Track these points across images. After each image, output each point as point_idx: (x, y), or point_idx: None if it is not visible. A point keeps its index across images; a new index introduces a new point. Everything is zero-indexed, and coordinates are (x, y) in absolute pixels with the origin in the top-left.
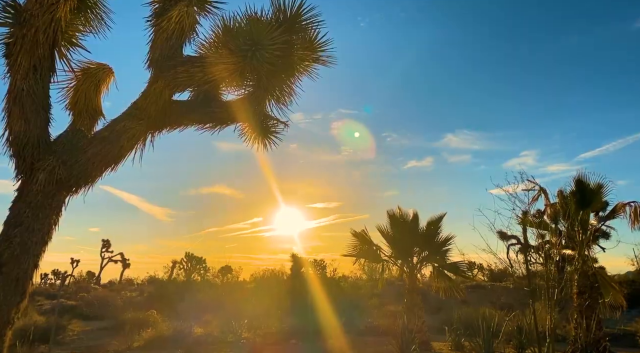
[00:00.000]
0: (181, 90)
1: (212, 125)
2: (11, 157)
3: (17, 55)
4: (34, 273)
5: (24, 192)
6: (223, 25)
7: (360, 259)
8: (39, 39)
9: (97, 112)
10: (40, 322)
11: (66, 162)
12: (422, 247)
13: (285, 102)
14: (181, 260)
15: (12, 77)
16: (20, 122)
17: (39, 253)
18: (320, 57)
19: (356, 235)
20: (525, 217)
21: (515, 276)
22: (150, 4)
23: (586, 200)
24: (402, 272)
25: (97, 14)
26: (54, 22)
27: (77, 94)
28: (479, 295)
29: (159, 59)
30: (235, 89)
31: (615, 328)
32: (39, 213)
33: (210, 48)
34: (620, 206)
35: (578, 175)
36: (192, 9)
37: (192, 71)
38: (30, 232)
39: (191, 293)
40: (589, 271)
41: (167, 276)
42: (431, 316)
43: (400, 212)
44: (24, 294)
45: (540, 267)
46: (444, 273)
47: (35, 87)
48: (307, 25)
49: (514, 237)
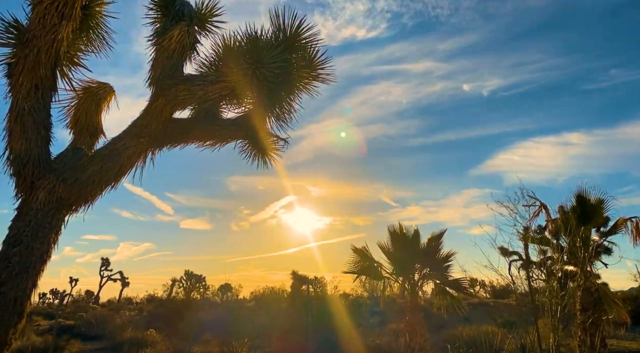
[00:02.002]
0: (182, 108)
1: (212, 143)
2: (11, 176)
3: (19, 75)
4: (32, 293)
5: (24, 210)
6: (223, 44)
7: (361, 276)
8: (41, 59)
9: (97, 130)
10: (37, 343)
11: (66, 180)
12: (423, 264)
13: (285, 119)
14: (180, 278)
15: (13, 96)
16: (21, 141)
17: (37, 272)
18: (320, 75)
19: (357, 252)
20: (526, 233)
21: (517, 293)
22: (152, 24)
23: (587, 216)
24: (403, 289)
25: (99, 34)
26: (56, 42)
27: (78, 113)
28: (481, 312)
29: (160, 78)
30: (235, 106)
31: (619, 345)
32: (39, 232)
33: (210, 66)
34: (622, 221)
35: (578, 191)
36: (192, 28)
37: (192, 89)
38: (30, 251)
39: (191, 311)
40: (592, 287)
41: (166, 294)
42: (433, 334)
43: (401, 229)
44: (21, 314)
45: (543, 283)
46: (445, 290)
47: (37, 106)
48: (306, 44)
49: (516, 253)
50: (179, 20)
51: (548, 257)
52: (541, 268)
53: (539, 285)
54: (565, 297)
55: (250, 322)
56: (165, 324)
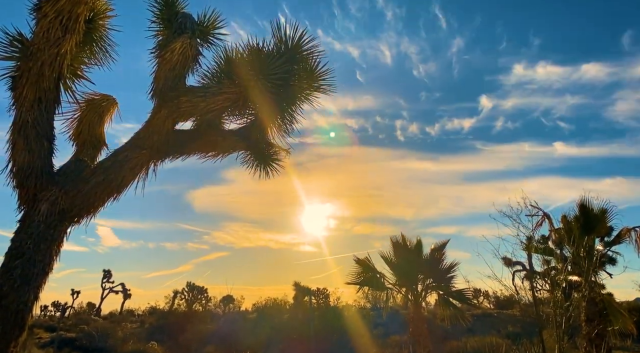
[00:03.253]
0: (184, 119)
1: (214, 154)
2: (14, 188)
3: (22, 88)
4: (34, 306)
5: (26, 223)
6: (225, 56)
7: (363, 287)
8: (44, 72)
9: (100, 142)
10: None
11: (68, 192)
12: (426, 274)
13: (287, 129)
14: (182, 290)
15: (17, 109)
16: (24, 154)
17: (39, 285)
18: (321, 86)
19: (359, 262)
20: (529, 242)
21: (521, 303)
22: (154, 36)
23: (590, 226)
24: (406, 300)
25: (102, 47)
26: (60, 55)
27: (81, 125)
28: (485, 323)
29: (162, 90)
30: (237, 117)
31: None
32: (41, 244)
33: (212, 78)
34: (626, 231)
35: (581, 201)
36: (195, 40)
37: (194, 101)
38: (32, 263)
39: (193, 323)
40: (597, 298)
41: (168, 306)
42: (437, 345)
43: (404, 239)
44: (23, 327)
45: (547, 293)
46: (449, 301)
47: (40, 119)
48: (307, 56)
49: (519, 264)
50: (181, 33)
51: (552, 267)
52: (545, 279)
53: (543, 295)
54: (570, 308)
55: (252, 333)
56: (167, 337)
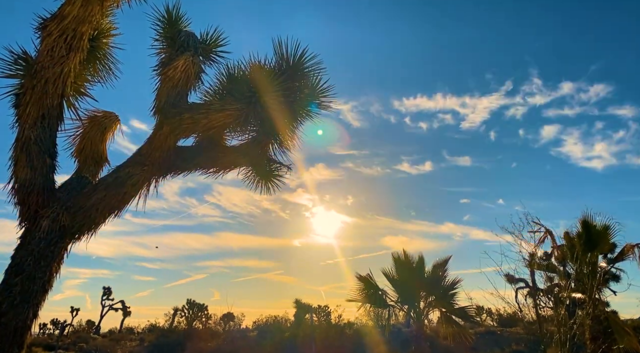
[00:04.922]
0: (186, 136)
1: (216, 170)
2: (16, 204)
3: (26, 105)
4: (33, 323)
5: (27, 239)
6: (227, 73)
7: (365, 304)
8: (48, 89)
9: (102, 159)
10: None
11: (70, 208)
12: (428, 292)
13: (288, 145)
14: (182, 308)
15: (20, 126)
16: (26, 170)
17: (38, 302)
18: (322, 102)
19: (361, 279)
20: (532, 259)
21: (525, 321)
22: (157, 54)
23: (593, 242)
24: (408, 317)
25: (105, 65)
26: (64, 73)
27: (83, 141)
28: (488, 341)
29: (164, 107)
30: (239, 134)
31: None
32: (41, 261)
33: (215, 95)
34: (629, 248)
35: (583, 217)
36: (197, 58)
37: (196, 118)
38: (31, 280)
39: (192, 341)
40: (601, 315)
41: (167, 324)
42: None
43: (406, 256)
44: (21, 345)
45: (550, 311)
46: (451, 318)
47: (43, 136)
48: (309, 72)
49: (522, 280)
50: (184, 51)
51: (555, 284)
52: (548, 296)
53: (547, 313)
54: (574, 326)
55: (253, 352)
56: None
